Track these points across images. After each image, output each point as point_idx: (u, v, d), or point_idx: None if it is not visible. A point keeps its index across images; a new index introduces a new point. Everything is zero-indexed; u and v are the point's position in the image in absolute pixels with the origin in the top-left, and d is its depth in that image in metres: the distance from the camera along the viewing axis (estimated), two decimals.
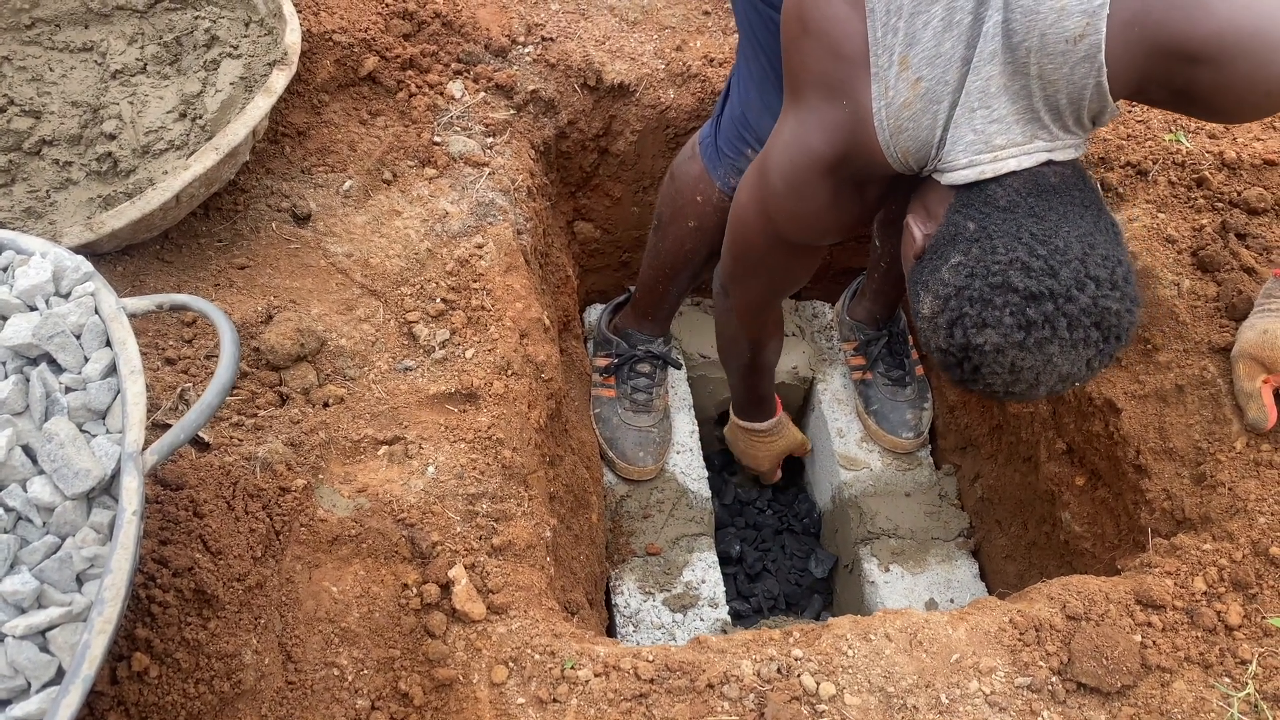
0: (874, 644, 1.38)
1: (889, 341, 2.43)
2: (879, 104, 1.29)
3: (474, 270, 1.73)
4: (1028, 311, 1.16)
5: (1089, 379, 1.25)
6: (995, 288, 1.18)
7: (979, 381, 1.24)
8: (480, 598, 1.38)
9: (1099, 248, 1.20)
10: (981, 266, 1.20)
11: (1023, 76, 1.22)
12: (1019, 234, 1.20)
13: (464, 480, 1.49)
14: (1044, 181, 1.25)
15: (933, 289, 1.26)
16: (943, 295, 1.24)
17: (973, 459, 2.30)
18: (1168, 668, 1.36)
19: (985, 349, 1.19)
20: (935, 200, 1.33)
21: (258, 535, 1.29)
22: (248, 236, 1.72)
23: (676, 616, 2.08)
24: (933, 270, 1.27)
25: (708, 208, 1.95)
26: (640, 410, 2.27)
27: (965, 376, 1.25)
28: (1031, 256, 1.18)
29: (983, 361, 1.21)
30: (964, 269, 1.22)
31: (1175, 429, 1.65)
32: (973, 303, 1.20)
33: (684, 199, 1.99)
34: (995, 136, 1.25)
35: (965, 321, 1.20)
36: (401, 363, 1.61)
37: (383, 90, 1.98)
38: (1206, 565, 1.45)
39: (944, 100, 1.26)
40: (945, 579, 2.19)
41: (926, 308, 1.27)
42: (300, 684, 1.26)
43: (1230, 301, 1.69)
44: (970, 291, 1.20)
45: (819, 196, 1.43)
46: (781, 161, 1.45)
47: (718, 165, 1.91)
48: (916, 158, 1.31)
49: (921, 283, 1.29)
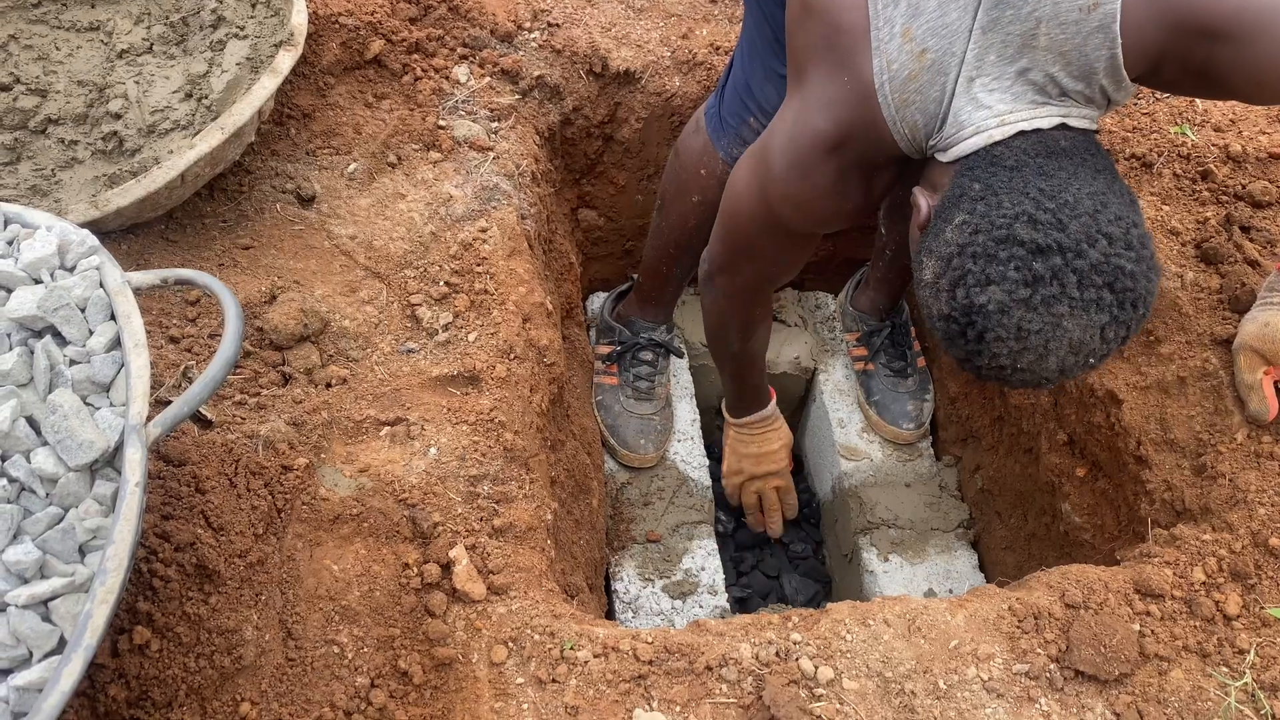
0: (872, 629, 1.38)
1: (891, 332, 2.43)
2: (881, 78, 1.27)
3: (477, 254, 1.73)
4: (1034, 265, 1.10)
5: (1104, 355, 1.16)
6: (1000, 241, 1.12)
7: (984, 353, 1.16)
8: (480, 578, 1.38)
9: (1111, 207, 1.14)
10: (985, 222, 1.14)
11: (1030, 49, 1.19)
12: (1025, 189, 1.15)
13: (465, 462, 1.49)
14: (1054, 144, 1.20)
15: (935, 252, 1.20)
16: (945, 255, 1.18)
17: (973, 450, 2.30)
18: (1166, 656, 1.37)
19: (989, 309, 1.12)
20: (941, 172, 1.29)
21: (259, 512, 1.30)
22: (252, 217, 1.72)
23: (676, 603, 2.09)
24: (936, 234, 1.22)
25: (711, 180, 1.93)
26: (642, 398, 2.27)
27: (970, 349, 1.17)
28: (1039, 209, 1.12)
29: (987, 325, 1.13)
30: (968, 226, 1.16)
31: (1176, 420, 1.65)
32: (976, 259, 1.14)
33: (688, 173, 1.98)
34: (999, 103, 1.22)
35: (968, 280, 1.14)
36: (404, 345, 1.61)
37: (388, 73, 1.98)
38: (1206, 556, 1.45)
39: (951, 72, 1.23)
40: (945, 569, 2.19)
41: (929, 272, 1.21)
42: (300, 661, 1.27)
43: (1233, 294, 1.69)
44: (973, 247, 1.14)
45: (821, 179, 1.40)
46: (783, 143, 1.41)
47: (722, 136, 1.89)
48: (923, 131, 1.28)
49: (925, 249, 1.24)
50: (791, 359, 2.51)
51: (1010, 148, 1.21)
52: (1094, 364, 1.18)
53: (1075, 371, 1.18)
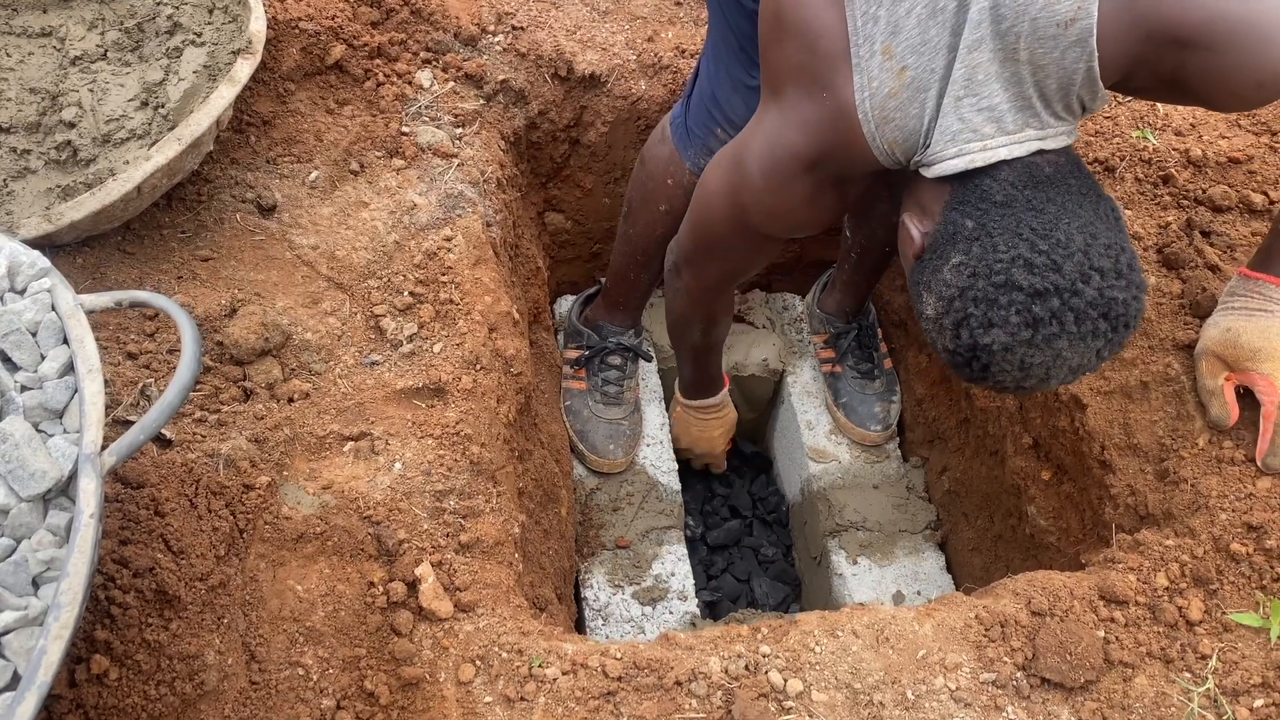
0: (841, 640, 1.39)
1: (858, 334, 2.43)
2: (862, 95, 1.28)
3: (442, 263, 1.71)
4: (1034, 309, 1.16)
5: (1098, 367, 1.25)
6: (999, 287, 1.17)
7: (989, 380, 1.24)
8: (447, 595, 1.37)
9: (1101, 236, 1.19)
10: (984, 266, 1.19)
11: (1012, 63, 1.21)
12: (1019, 229, 1.19)
13: (431, 477, 1.47)
14: (1039, 173, 1.24)
15: (935, 290, 1.25)
16: (946, 296, 1.23)
17: (940, 452, 2.31)
18: (1130, 663, 1.38)
19: (994, 349, 1.19)
20: (930, 198, 1.31)
21: (221, 534, 1.28)
22: (211, 228, 1.69)
23: (646, 609, 2.08)
24: (934, 271, 1.26)
25: (678, 190, 1.93)
26: (611, 403, 2.26)
27: (975, 375, 1.24)
28: (1034, 253, 1.17)
29: (991, 361, 1.20)
30: (966, 269, 1.21)
31: (1140, 425, 1.66)
32: (977, 303, 1.19)
33: (654, 182, 1.98)
34: (984, 125, 1.24)
35: (971, 322, 1.20)
36: (368, 357, 1.59)
37: (350, 79, 1.96)
38: (1169, 561, 1.47)
39: (931, 89, 1.25)
40: (913, 571, 2.20)
41: (931, 309, 1.27)
42: (264, 684, 1.25)
43: (1194, 299, 1.70)
44: (974, 292, 1.19)
45: (797, 192, 1.42)
46: (761, 153, 1.43)
47: (688, 146, 1.89)
48: (904, 148, 1.30)
49: (924, 283, 1.29)
50: (759, 361, 2.51)
51: (997, 180, 1.24)
52: (1089, 373, 1.27)
53: (1071, 381, 1.27)
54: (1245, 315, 1.54)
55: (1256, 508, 1.47)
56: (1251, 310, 1.54)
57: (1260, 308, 1.54)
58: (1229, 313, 1.57)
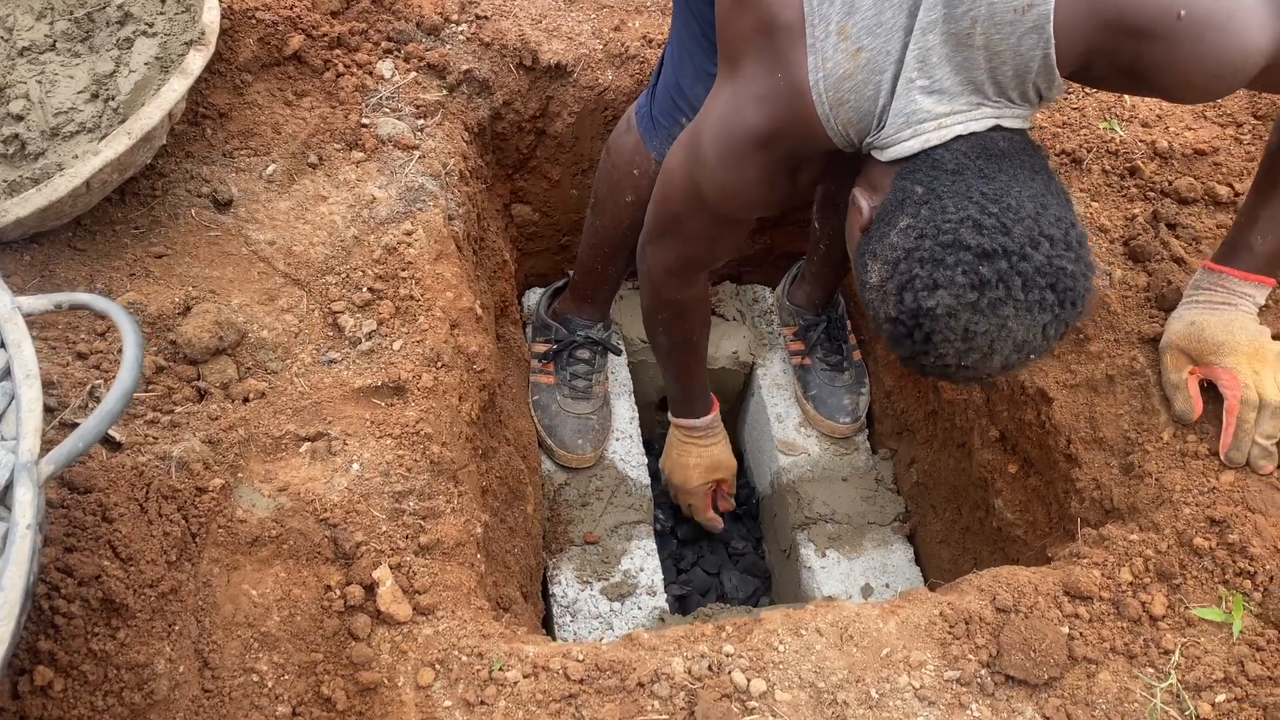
0: (805, 639, 1.37)
1: (827, 326, 2.42)
2: (816, 75, 1.26)
3: (402, 258, 1.68)
4: (980, 270, 1.12)
5: (1043, 351, 1.20)
6: (946, 246, 1.14)
7: (930, 353, 1.19)
8: (406, 598, 1.35)
9: (1051, 209, 1.17)
10: (931, 226, 1.16)
11: (966, 48, 1.19)
12: (969, 193, 1.17)
13: (390, 478, 1.45)
14: (993, 146, 1.22)
15: (881, 255, 1.21)
16: (891, 260, 1.19)
17: (909, 444, 2.31)
18: (1094, 659, 1.37)
19: (937, 312, 1.15)
20: (881, 173, 1.29)
21: (172, 539, 1.25)
22: (166, 223, 1.66)
23: (614, 605, 2.07)
24: (880, 238, 1.23)
25: (644, 181, 1.91)
26: (579, 397, 2.24)
27: (916, 349, 1.20)
28: (983, 214, 1.14)
29: (934, 328, 1.16)
30: (913, 231, 1.17)
31: (1105, 419, 1.66)
32: (923, 263, 1.15)
33: (620, 173, 1.96)
34: (938, 105, 1.22)
35: (916, 284, 1.16)
36: (326, 355, 1.56)
37: (309, 70, 1.92)
38: (1133, 556, 1.47)
39: (887, 71, 1.23)
40: (881, 564, 2.20)
41: (875, 276, 1.22)
42: (217, 692, 1.22)
43: (1160, 292, 1.70)
44: (920, 252, 1.16)
45: (750, 171, 1.40)
46: (715, 133, 1.41)
47: (654, 136, 1.87)
48: (858, 129, 1.28)
49: (869, 251, 1.25)
50: (730, 353, 2.50)
51: (950, 150, 1.22)
52: (1033, 359, 1.21)
53: (1015, 367, 1.22)
54: (1209, 309, 1.54)
55: (1219, 502, 1.47)
56: (1215, 304, 1.54)
57: (1224, 301, 1.54)
58: (1193, 306, 1.57)
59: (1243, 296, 1.53)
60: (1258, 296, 1.54)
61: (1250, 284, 1.53)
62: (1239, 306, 1.53)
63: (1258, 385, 1.47)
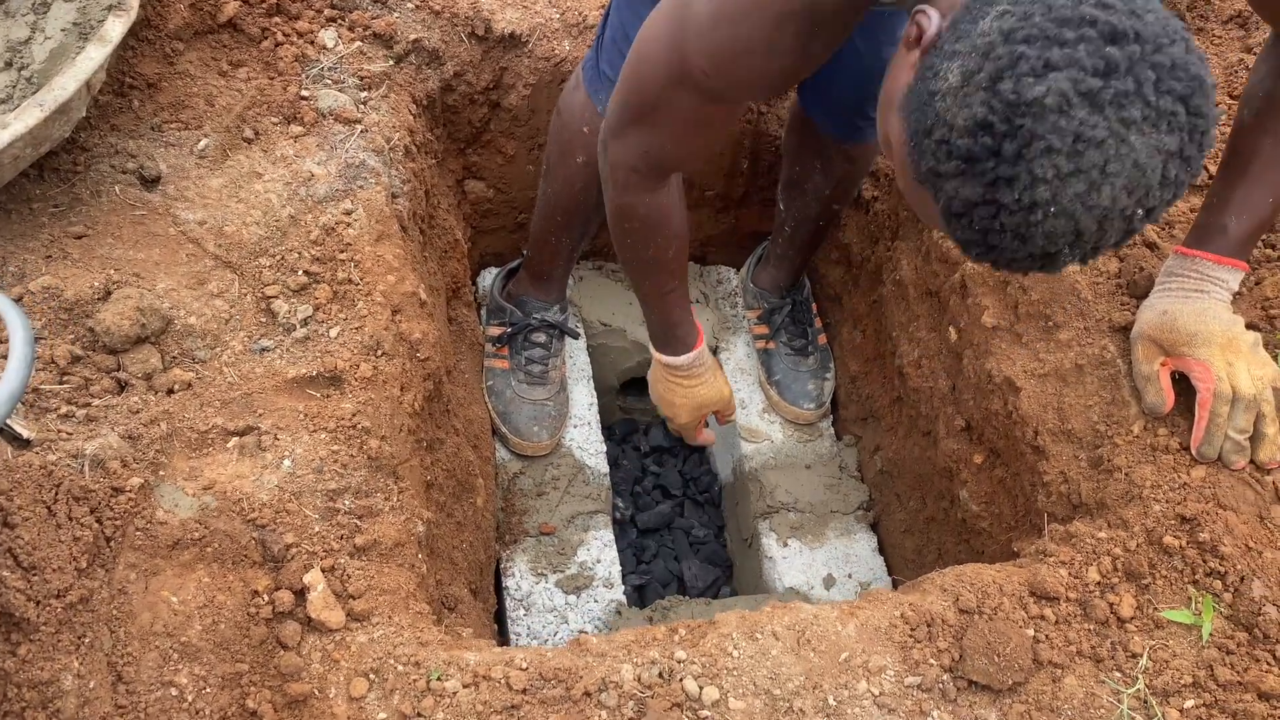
0: (760, 643, 1.31)
1: (792, 310, 2.36)
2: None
3: (341, 240, 1.59)
4: (1109, 50, 0.87)
5: (1154, 208, 0.93)
6: (1064, 22, 0.89)
7: (1018, 181, 0.90)
8: (339, 604, 1.27)
9: (1174, 19, 0.93)
10: (1041, 4, 0.90)
11: None
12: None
13: (324, 475, 1.37)
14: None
15: (965, 49, 0.94)
16: (983, 47, 0.91)
17: (873, 430, 2.25)
18: (1059, 663, 1.32)
19: (1046, 102, 0.87)
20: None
21: (83, 544, 1.16)
22: (87, 201, 1.56)
23: (570, 599, 2.00)
24: (962, 35, 0.95)
25: (595, 139, 1.80)
26: (535, 383, 2.16)
27: (998, 173, 0.91)
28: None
29: (1038, 130, 0.88)
30: (1014, 14, 0.91)
31: (1074, 410, 1.60)
32: (1032, 42, 0.89)
33: (570, 132, 1.86)
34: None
35: (1021, 67, 0.88)
36: (258, 343, 1.47)
37: (245, 39, 1.81)
38: (1101, 554, 1.41)
39: None
40: (844, 553, 2.14)
41: (954, 75, 0.94)
42: (132, 707, 1.14)
43: (1132, 278, 1.64)
44: (1028, 30, 0.90)
45: (753, 29, 1.19)
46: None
47: (600, 90, 1.75)
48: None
49: (944, 54, 0.97)
50: None
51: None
52: (1140, 220, 0.94)
53: (1117, 228, 0.94)
54: (1181, 297, 1.48)
55: (1190, 498, 1.42)
56: (1188, 291, 1.48)
57: (1196, 288, 1.48)
58: (1165, 294, 1.51)
59: (1217, 283, 1.47)
60: (1231, 282, 1.48)
61: (1224, 268, 1.47)
62: (1212, 294, 1.47)
63: (1231, 377, 1.41)
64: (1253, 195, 1.44)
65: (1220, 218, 1.46)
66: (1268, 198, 1.44)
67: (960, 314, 1.85)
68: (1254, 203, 1.44)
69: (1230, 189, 1.45)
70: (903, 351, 2.07)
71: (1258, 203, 1.45)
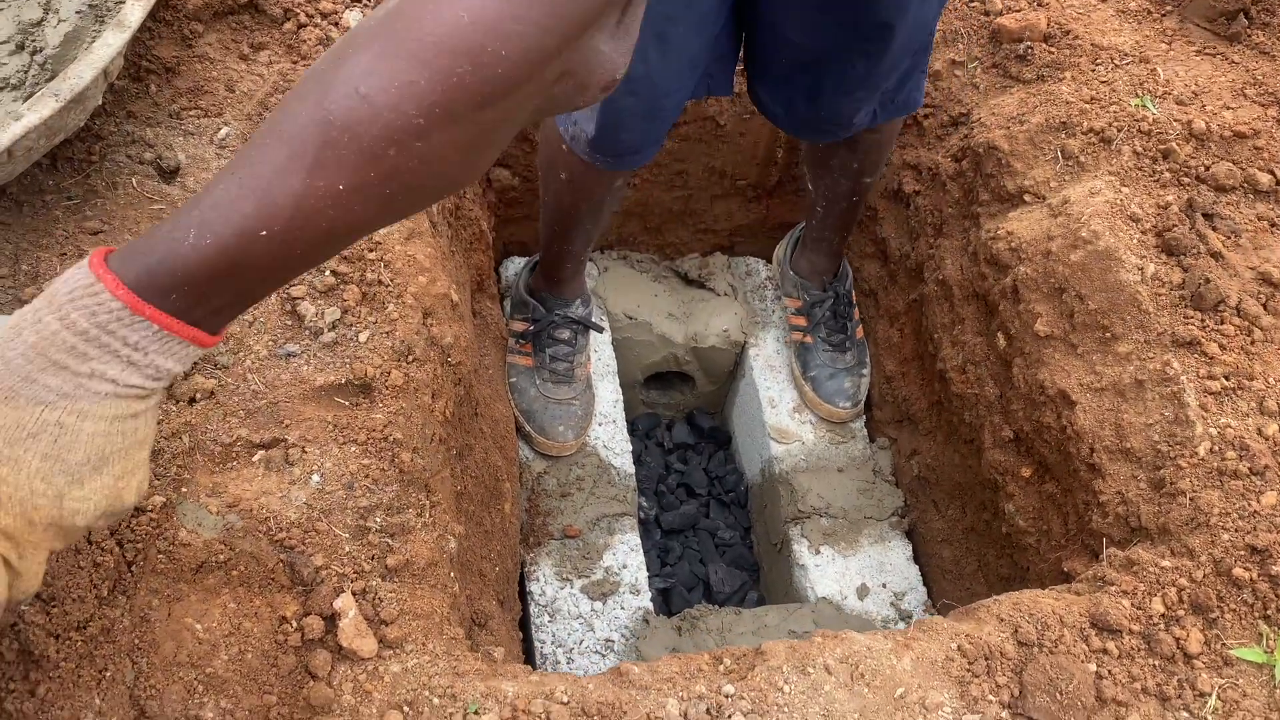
0: (813, 678, 1.25)
1: (834, 304, 2.28)
2: None
3: (369, 238, 1.51)
4: None
5: None
6: None
7: None
8: (371, 631, 1.21)
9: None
10: None
11: None
12: None
13: (354, 491, 1.30)
14: None
15: None
16: None
17: (910, 434, 2.18)
18: (1123, 701, 1.26)
19: None
20: None
21: (104, 570, 1.10)
22: (103, 194, 1.48)
23: (596, 605, 1.94)
24: None
25: (573, 155, 1.72)
26: (560, 381, 2.09)
27: None
28: None
29: None
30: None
31: (1133, 428, 1.54)
32: None
33: (552, 147, 1.78)
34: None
35: None
36: (283, 347, 1.40)
37: (267, 20, 1.73)
38: (1165, 585, 1.35)
39: None
40: (878, 562, 2.08)
41: None
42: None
43: (1196, 290, 1.57)
44: None
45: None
46: None
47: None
48: None
49: None
50: (720, 331, 2.35)
51: None
52: None
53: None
54: None
55: (1261, 527, 1.36)
56: None
57: None
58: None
59: None
60: None
61: None
62: None
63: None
64: None
65: None
66: None
67: (1011, 320, 1.78)
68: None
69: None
70: (945, 355, 2.00)
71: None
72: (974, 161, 1.98)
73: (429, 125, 0.69)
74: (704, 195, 2.42)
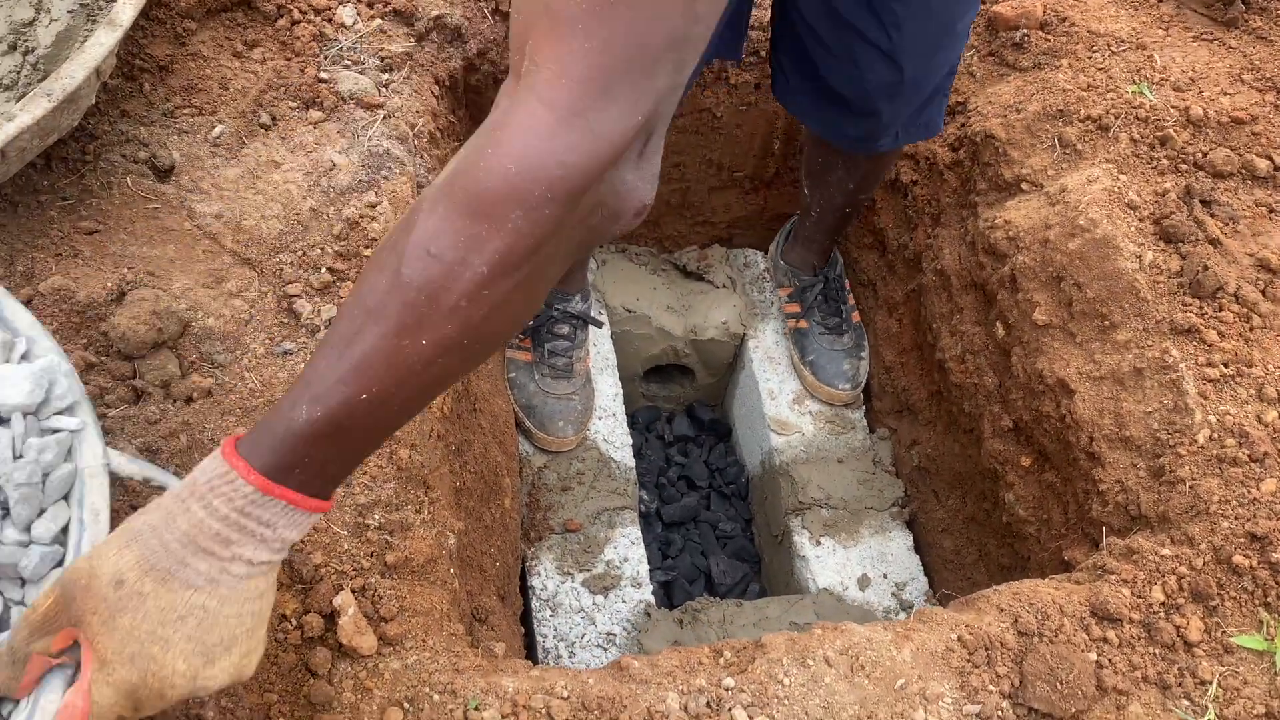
0: (812, 670, 1.25)
1: (825, 287, 2.28)
2: None
3: (365, 234, 1.51)
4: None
5: None
6: None
7: None
8: (371, 628, 1.21)
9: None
10: None
11: None
12: None
13: (352, 488, 1.30)
14: None
15: None
16: None
17: (909, 424, 2.18)
18: (1124, 690, 1.26)
19: None
20: None
21: None
22: (98, 194, 1.47)
23: (597, 599, 1.95)
24: None
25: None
26: (560, 376, 2.09)
27: None
28: None
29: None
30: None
31: (1132, 416, 1.53)
32: None
33: None
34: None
35: None
36: (280, 345, 1.40)
37: (260, 17, 1.72)
38: (1165, 573, 1.35)
39: None
40: (879, 552, 2.08)
41: None
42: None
43: (1194, 277, 1.56)
44: None
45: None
46: None
47: None
48: None
49: None
50: (719, 323, 2.35)
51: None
52: None
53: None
54: None
55: (1261, 515, 1.35)
56: None
57: None
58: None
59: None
60: None
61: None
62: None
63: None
64: None
65: None
66: None
67: (1009, 309, 1.77)
68: None
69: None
70: (944, 345, 1.99)
71: None
72: (971, 150, 1.97)
73: (493, 274, 0.76)
74: (701, 187, 2.42)
